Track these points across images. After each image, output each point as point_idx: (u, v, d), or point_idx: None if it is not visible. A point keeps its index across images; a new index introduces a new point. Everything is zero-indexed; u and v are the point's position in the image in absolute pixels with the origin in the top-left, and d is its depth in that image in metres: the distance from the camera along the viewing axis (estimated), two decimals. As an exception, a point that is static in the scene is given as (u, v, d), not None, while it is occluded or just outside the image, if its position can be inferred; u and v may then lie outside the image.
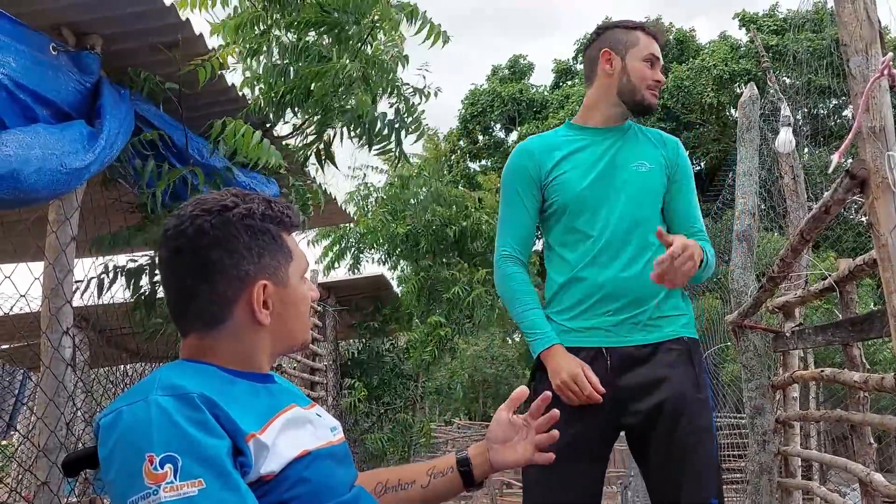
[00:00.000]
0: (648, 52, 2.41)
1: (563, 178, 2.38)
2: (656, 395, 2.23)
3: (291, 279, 1.42)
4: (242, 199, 1.39)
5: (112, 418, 1.22)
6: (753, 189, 4.51)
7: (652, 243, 2.30)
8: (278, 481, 1.27)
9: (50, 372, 2.79)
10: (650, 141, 2.47)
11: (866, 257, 2.65)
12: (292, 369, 7.46)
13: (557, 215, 2.40)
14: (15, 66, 2.26)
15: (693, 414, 2.23)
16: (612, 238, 2.32)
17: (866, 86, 1.89)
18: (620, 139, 2.43)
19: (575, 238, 2.36)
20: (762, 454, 4.12)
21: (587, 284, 2.31)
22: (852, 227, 11.52)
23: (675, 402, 2.22)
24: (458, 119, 23.42)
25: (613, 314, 2.29)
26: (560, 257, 2.39)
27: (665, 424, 2.22)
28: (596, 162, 2.38)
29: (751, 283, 4.33)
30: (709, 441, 2.24)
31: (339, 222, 7.54)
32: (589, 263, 2.32)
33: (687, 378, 2.27)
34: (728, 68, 19.62)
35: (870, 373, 2.87)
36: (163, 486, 1.13)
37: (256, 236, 1.37)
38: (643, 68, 2.40)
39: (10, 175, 2.12)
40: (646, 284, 2.21)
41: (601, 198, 2.34)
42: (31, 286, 2.83)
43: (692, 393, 2.25)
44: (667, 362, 2.27)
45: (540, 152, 2.43)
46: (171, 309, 1.40)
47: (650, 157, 2.42)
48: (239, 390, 1.32)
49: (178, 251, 1.35)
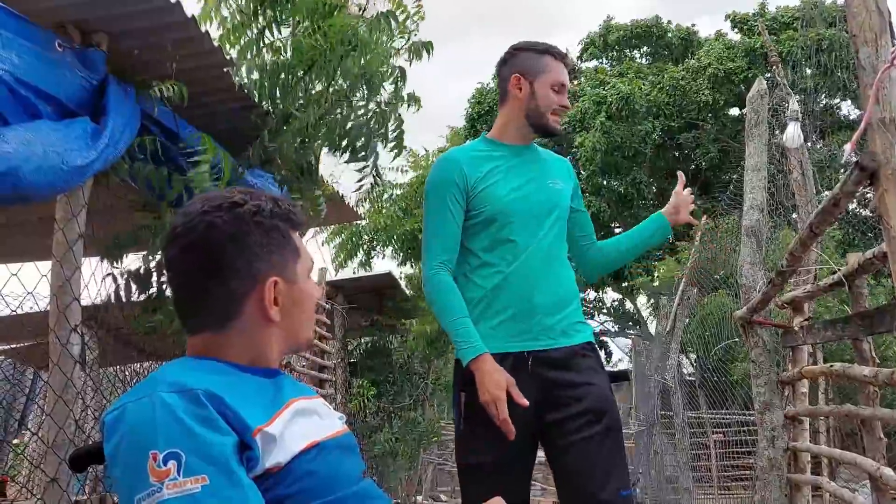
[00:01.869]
0: (556, 79, 2.55)
1: (490, 190, 2.49)
2: (579, 395, 2.38)
3: (299, 276, 1.42)
4: (250, 196, 1.39)
5: (117, 415, 1.22)
6: (762, 184, 4.48)
7: (564, 255, 2.56)
8: (285, 473, 1.26)
9: (59, 369, 2.79)
10: (552, 162, 2.67)
11: (876, 250, 2.63)
12: (301, 367, 7.47)
13: (484, 224, 2.49)
14: (18, 62, 2.25)
15: (613, 414, 2.38)
16: (538, 248, 2.47)
17: (876, 77, 1.87)
18: (534, 157, 2.62)
19: (503, 247, 2.48)
20: (771, 450, 4.10)
21: (513, 291, 2.44)
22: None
23: (599, 402, 2.37)
24: (465, 118, 23.37)
25: (537, 320, 2.42)
26: (487, 264, 2.48)
27: (588, 422, 2.35)
28: (521, 175, 2.54)
29: (760, 278, 4.30)
30: (622, 440, 2.43)
31: (347, 220, 7.53)
32: (515, 271, 2.45)
33: (605, 381, 2.45)
34: (723, 66, 19.56)
35: (880, 368, 2.85)
36: (166, 482, 1.13)
37: (267, 233, 1.37)
38: (549, 94, 2.55)
39: (11, 172, 2.11)
40: (566, 293, 2.48)
41: (528, 209, 2.49)
42: (38, 283, 2.84)
43: (610, 395, 2.44)
44: (586, 366, 2.43)
45: (466, 162, 2.52)
46: (180, 307, 1.39)
47: (560, 176, 2.61)
48: (245, 384, 1.32)
49: (188, 248, 1.34)
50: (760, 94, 4.58)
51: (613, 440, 2.36)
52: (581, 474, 2.33)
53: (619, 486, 2.31)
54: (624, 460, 2.40)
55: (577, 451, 2.34)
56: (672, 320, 9.69)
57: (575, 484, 2.34)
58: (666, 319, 10.32)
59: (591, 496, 2.29)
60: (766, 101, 4.65)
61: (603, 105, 19.64)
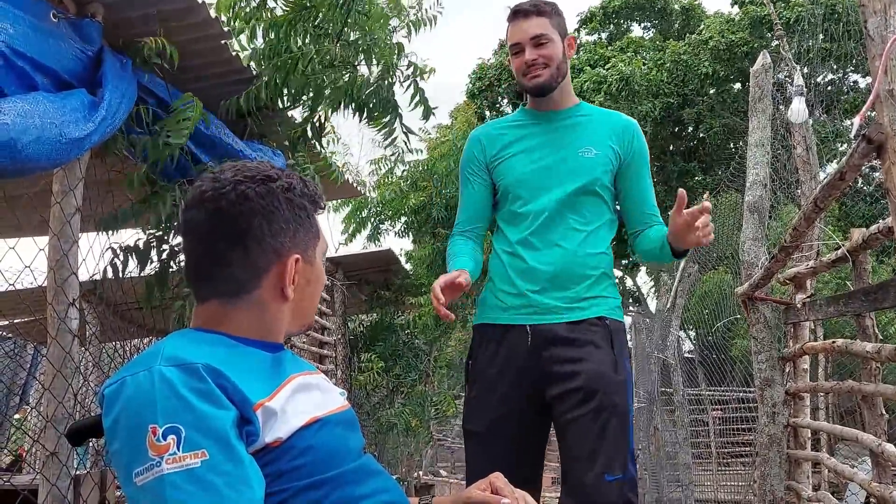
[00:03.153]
0: (511, 42, 2.46)
1: (506, 162, 2.48)
2: (575, 372, 2.30)
3: (316, 258, 1.43)
4: (282, 173, 1.39)
5: (116, 388, 1.20)
6: (766, 160, 4.45)
7: (584, 229, 2.41)
8: (285, 449, 1.25)
9: (57, 343, 2.78)
10: (604, 125, 2.49)
11: (881, 225, 2.61)
12: (301, 343, 7.48)
13: (502, 196, 2.51)
14: (13, 32, 2.21)
15: (607, 394, 2.27)
16: (548, 220, 2.40)
17: (885, 47, 1.84)
18: (568, 124, 2.49)
19: (515, 219, 2.46)
20: (772, 426, 4.10)
21: (520, 263, 2.41)
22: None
23: (592, 381, 2.27)
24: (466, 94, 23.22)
25: (541, 293, 2.37)
26: (503, 236, 2.49)
27: (579, 402, 2.27)
28: (539, 146, 2.47)
29: (762, 254, 4.29)
30: (619, 422, 2.28)
31: (348, 196, 7.50)
32: (523, 242, 2.42)
33: (606, 357, 2.32)
34: (724, 40, 19.35)
35: (882, 343, 2.84)
36: (165, 457, 1.12)
37: (295, 211, 1.38)
38: (513, 61, 2.46)
39: (8, 144, 2.08)
40: (576, 267, 2.37)
41: (540, 181, 2.43)
42: (35, 257, 2.82)
43: (610, 373, 2.30)
44: (587, 341, 2.33)
45: (487, 138, 2.54)
46: (194, 272, 1.38)
47: (598, 142, 2.45)
48: (247, 358, 1.31)
49: (215, 214, 1.32)
50: (765, 68, 4.54)
51: (605, 421, 2.24)
52: (570, 456, 2.29)
53: (604, 471, 2.21)
54: (617, 443, 2.25)
55: (569, 431, 2.29)
56: (672, 297, 9.69)
57: (565, 466, 2.31)
58: (666, 296, 10.32)
59: (578, 480, 2.25)
60: (770, 75, 4.60)
61: (602, 85, 19.51)
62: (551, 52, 2.41)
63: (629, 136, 2.48)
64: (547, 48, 2.40)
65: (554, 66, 2.42)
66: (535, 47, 2.40)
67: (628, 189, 2.49)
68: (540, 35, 2.40)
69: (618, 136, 2.46)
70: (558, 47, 2.42)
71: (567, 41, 2.46)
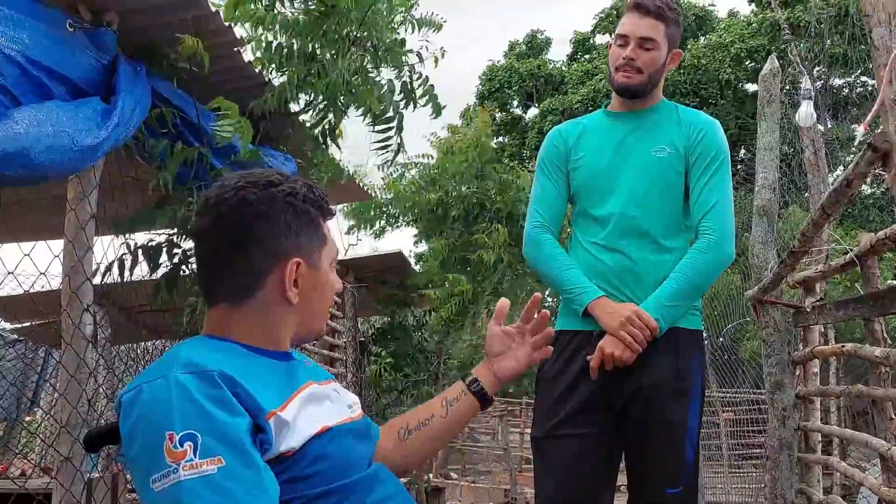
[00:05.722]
0: (619, 31, 2.38)
1: (581, 162, 2.43)
2: (634, 380, 2.25)
3: (323, 264, 1.44)
4: (286, 178, 1.41)
5: (133, 395, 1.22)
6: (774, 164, 4.45)
7: (656, 232, 2.32)
8: (298, 458, 1.27)
9: (71, 349, 2.81)
10: (680, 124, 2.41)
11: (888, 231, 2.62)
12: (312, 345, 7.50)
13: (574, 197, 2.46)
14: (29, 42, 2.25)
15: (665, 404, 2.24)
16: (618, 223, 2.33)
17: (890, 57, 1.85)
18: (645, 123, 2.42)
19: (585, 220, 2.41)
20: (782, 429, 4.10)
21: (589, 267, 2.34)
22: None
23: (650, 390, 2.24)
24: (476, 96, 23.27)
25: (612, 296, 2.29)
26: (575, 237, 2.44)
27: (637, 411, 2.25)
28: (612, 147, 2.41)
29: (771, 258, 4.29)
30: (675, 433, 2.25)
31: (356, 199, 7.52)
32: (592, 246, 2.35)
33: (667, 366, 2.26)
34: (745, 45, 19.30)
35: (891, 348, 2.84)
36: (182, 464, 1.14)
37: (297, 215, 1.39)
38: (615, 51, 2.40)
39: (21, 153, 2.12)
40: (646, 271, 2.28)
41: (611, 183, 2.36)
42: (50, 264, 2.85)
43: (670, 382, 2.25)
44: (650, 348, 2.23)
45: (568, 134, 2.50)
46: (202, 278, 1.42)
47: (671, 141, 2.38)
48: (259, 367, 1.33)
49: (218, 219, 1.36)
50: (773, 72, 4.54)
51: (663, 433, 2.23)
52: (631, 467, 2.28)
53: (665, 483, 2.20)
54: (676, 454, 2.23)
55: (629, 441, 2.28)
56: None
57: (631, 478, 2.29)
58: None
59: (638, 493, 2.25)
60: (779, 79, 4.61)
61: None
62: (653, 58, 2.35)
63: (696, 134, 2.39)
64: (650, 54, 2.35)
65: (647, 73, 2.36)
66: (640, 47, 2.34)
67: (692, 189, 2.38)
68: (649, 38, 2.34)
69: (686, 135, 2.39)
70: (661, 56, 2.37)
71: (672, 54, 2.41)
